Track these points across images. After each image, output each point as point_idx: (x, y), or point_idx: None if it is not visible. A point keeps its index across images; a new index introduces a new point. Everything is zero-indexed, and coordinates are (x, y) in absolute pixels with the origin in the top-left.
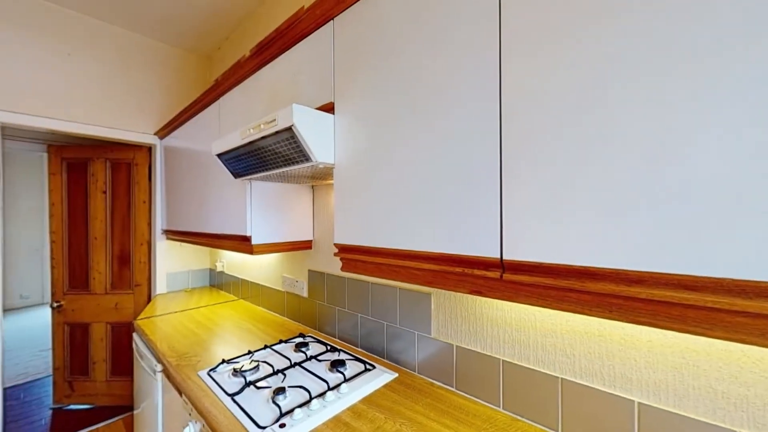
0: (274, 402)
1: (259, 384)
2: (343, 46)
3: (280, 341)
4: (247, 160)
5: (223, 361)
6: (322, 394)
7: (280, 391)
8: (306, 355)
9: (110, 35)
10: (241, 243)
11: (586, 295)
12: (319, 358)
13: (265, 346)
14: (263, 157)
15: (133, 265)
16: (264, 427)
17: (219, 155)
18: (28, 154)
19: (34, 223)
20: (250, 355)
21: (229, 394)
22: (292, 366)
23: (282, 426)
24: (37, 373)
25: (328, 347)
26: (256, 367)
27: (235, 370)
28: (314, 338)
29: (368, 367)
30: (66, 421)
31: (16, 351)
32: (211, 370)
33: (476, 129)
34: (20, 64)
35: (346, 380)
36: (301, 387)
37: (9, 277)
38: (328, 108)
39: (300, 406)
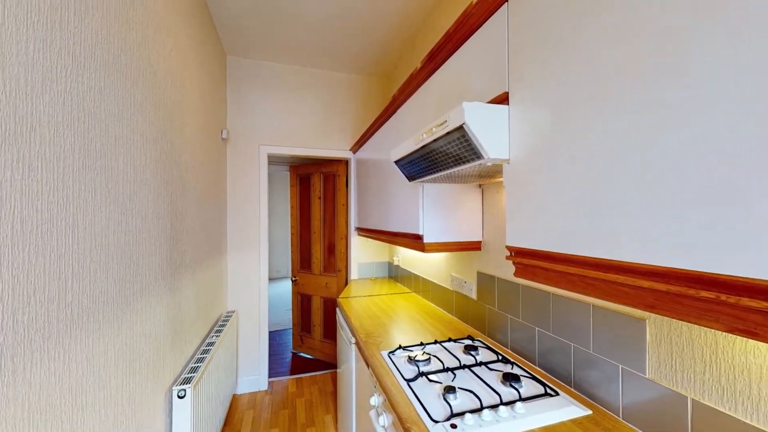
0: (445, 399)
1: (431, 377)
2: (520, 26)
3: (450, 339)
4: (419, 164)
5: (400, 347)
6: (494, 406)
7: (451, 389)
8: (475, 359)
9: (322, 78)
10: (414, 241)
11: None
12: (490, 366)
13: (435, 341)
14: (435, 159)
15: (336, 255)
16: (437, 422)
17: (396, 161)
18: (279, 173)
19: (282, 222)
20: (422, 347)
21: (405, 379)
22: (462, 367)
23: (453, 426)
24: (284, 324)
25: (500, 356)
26: (428, 360)
27: (410, 357)
28: (484, 343)
29: (549, 391)
30: (298, 364)
31: (273, 308)
32: (390, 353)
33: (742, 82)
34: (272, 113)
35: (521, 399)
36: (471, 391)
37: (271, 257)
38: (501, 99)
39: (471, 411)
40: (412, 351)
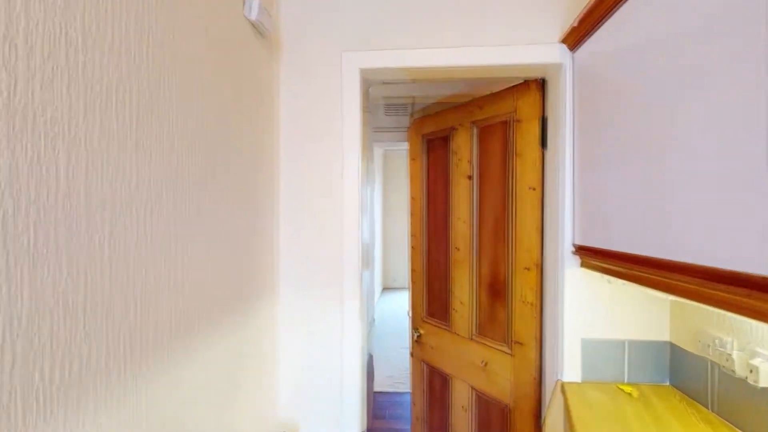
0: None
1: None
2: None
3: None
4: None
5: None
6: None
7: None
8: None
9: None
10: None
11: None
12: None
13: None
14: None
15: (512, 305)
16: None
17: None
18: (399, 153)
19: (401, 216)
20: None
21: None
22: None
23: None
24: (402, 379)
25: None
26: None
27: None
28: None
29: None
30: None
31: (385, 340)
32: None
33: None
34: None
35: None
36: None
37: (385, 262)
38: None
39: None
40: None
